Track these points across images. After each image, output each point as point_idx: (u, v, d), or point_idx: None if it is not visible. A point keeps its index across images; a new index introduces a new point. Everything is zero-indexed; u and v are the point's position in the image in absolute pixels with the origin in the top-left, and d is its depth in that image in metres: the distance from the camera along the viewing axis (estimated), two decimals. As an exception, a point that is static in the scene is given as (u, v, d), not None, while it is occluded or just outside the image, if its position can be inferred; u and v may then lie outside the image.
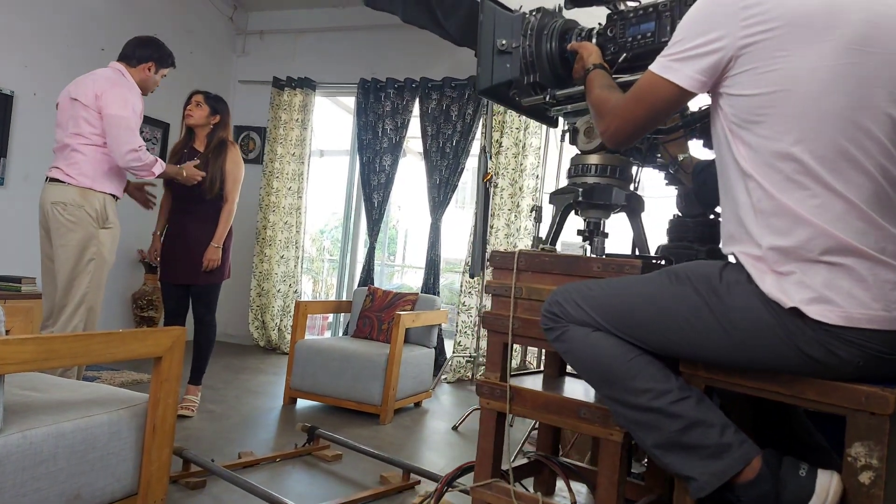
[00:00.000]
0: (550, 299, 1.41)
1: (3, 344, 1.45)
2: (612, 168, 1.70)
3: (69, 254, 2.63)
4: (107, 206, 2.70)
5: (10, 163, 3.98)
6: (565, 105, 1.73)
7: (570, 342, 1.36)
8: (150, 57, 2.84)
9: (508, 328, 1.59)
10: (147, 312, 4.90)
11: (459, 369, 4.86)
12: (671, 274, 1.29)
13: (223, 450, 2.66)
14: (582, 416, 1.47)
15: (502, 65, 1.69)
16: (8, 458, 1.49)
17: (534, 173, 4.77)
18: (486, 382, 1.63)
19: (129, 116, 2.65)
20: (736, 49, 1.16)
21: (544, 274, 1.57)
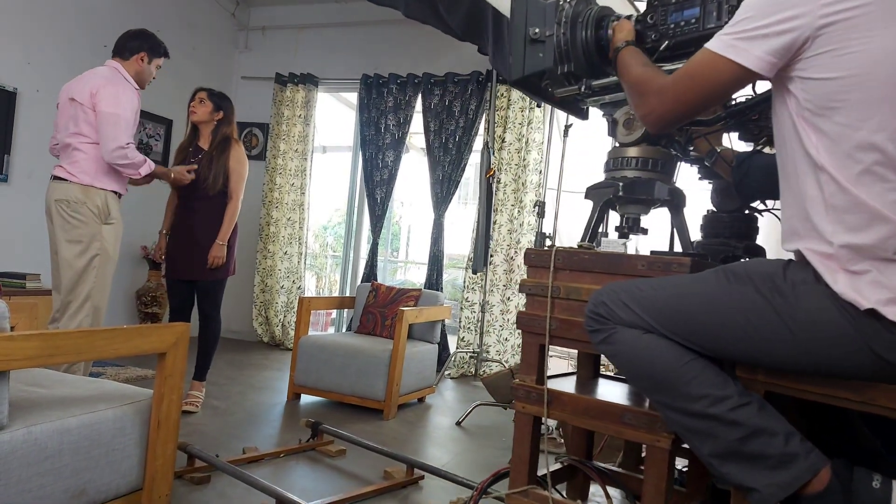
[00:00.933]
0: (595, 299, 1.34)
1: (8, 340, 1.46)
2: (653, 161, 1.62)
3: (73, 250, 2.65)
4: (108, 203, 2.72)
5: (13, 160, 3.99)
6: (601, 96, 1.66)
7: (619, 345, 1.29)
8: (140, 47, 2.84)
9: (545, 329, 1.52)
10: (151, 309, 4.91)
11: (462, 365, 4.86)
12: (728, 273, 1.22)
13: (227, 445, 2.67)
14: (626, 422, 1.41)
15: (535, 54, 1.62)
16: (13, 454, 1.49)
17: (537, 168, 4.76)
18: (522, 386, 1.56)
19: (118, 114, 2.66)
20: (814, 29, 1.07)
21: (584, 272, 1.50)
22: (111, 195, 2.74)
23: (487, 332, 4.77)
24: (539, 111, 4.76)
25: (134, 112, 2.75)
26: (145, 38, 2.87)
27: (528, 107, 4.76)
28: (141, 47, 2.84)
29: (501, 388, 3.40)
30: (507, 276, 4.79)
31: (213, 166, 3.11)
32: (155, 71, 2.94)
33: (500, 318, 4.77)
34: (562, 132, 3.72)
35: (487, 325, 4.77)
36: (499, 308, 4.78)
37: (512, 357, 4.72)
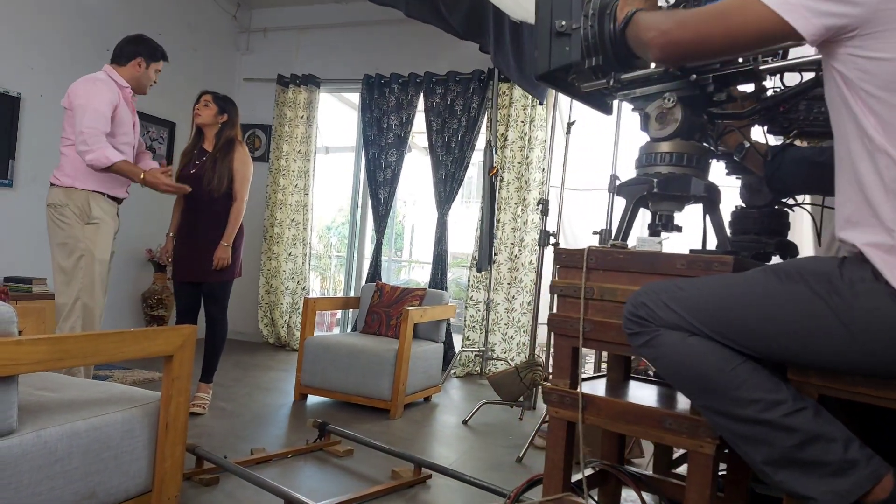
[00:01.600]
0: (634, 301, 1.28)
1: (17, 345, 1.47)
2: (688, 156, 1.57)
3: (60, 252, 2.68)
4: (90, 203, 2.70)
5: (18, 164, 4.01)
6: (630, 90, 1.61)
7: (661, 348, 1.24)
8: (136, 52, 2.85)
9: (579, 332, 1.47)
10: (157, 311, 4.93)
11: (468, 363, 4.86)
12: (779, 272, 1.16)
13: (235, 446, 2.68)
14: (667, 427, 1.35)
15: (561, 48, 1.58)
16: (23, 458, 1.50)
17: (540, 166, 4.75)
18: (556, 390, 1.52)
19: (85, 104, 2.62)
20: (874, 11, 1.02)
21: (619, 272, 1.46)
22: (94, 195, 2.71)
23: (492, 330, 4.77)
24: (541, 109, 4.76)
25: (108, 104, 2.68)
26: (141, 42, 2.88)
27: (531, 104, 4.76)
28: (137, 52, 2.85)
29: (507, 387, 3.40)
30: (511, 274, 4.79)
31: (218, 168, 3.12)
32: (155, 75, 2.94)
33: (505, 316, 4.77)
34: (564, 130, 3.71)
35: (492, 324, 4.77)
36: (503, 306, 4.78)
37: (517, 355, 4.72)
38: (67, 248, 2.66)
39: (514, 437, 3.19)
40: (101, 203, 2.75)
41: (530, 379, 3.36)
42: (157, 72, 2.94)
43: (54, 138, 4.17)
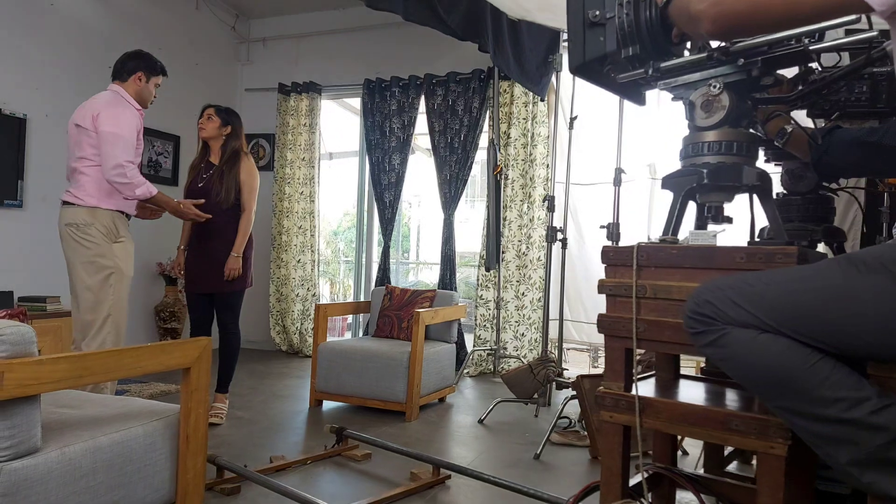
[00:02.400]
0: (697, 298, 1.23)
1: (38, 364, 1.49)
2: (737, 144, 1.49)
3: (88, 271, 2.70)
4: (116, 222, 2.76)
5: (27, 185, 4.05)
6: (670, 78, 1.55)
7: (732, 347, 1.17)
8: (136, 67, 2.88)
9: (631, 332, 1.43)
10: (170, 324, 4.97)
11: (481, 363, 4.87)
12: (856, 262, 1.11)
13: (254, 455, 2.70)
14: (734, 428, 1.30)
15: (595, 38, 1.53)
16: (49, 475, 1.53)
17: (544, 163, 4.76)
18: (609, 393, 1.47)
19: (118, 133, 2.69)
20: None
21: (672, 269, 1.40)
22: (117, 214, 2.78)
23: (504, 328, 4.77)
24: (543, 105, 4.76)
25: (135, 131, 2.77)
26: (140, 57, 2.91)
27: (532, 101, 4.76)
28: (137, 67, 2.88)
29: (521, 384, 3.41)
30: (519, 271, 4.80)
31: (225, 181, 3.15)
32: (154, 89, 2.97)
33: (516, 313, 4.78)
34: (568, 125, 3.72)
35: (503, 322, 4.77)
36: (513, 304, 4.79)
37: (529, 352, 4.72)
38: (95, 266, 2.69)
39: (530, 433, 3.20)
40: (124, 221, 2.81)
41: (544, 375, 3.37)
42: (156, 86, 2.97)
43: (61, 158, 4.21)
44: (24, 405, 1.48)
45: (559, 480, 2.55)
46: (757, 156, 1.57)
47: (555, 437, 3.06)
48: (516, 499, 2.27)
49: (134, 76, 2.87)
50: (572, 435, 3.11)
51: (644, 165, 4.41)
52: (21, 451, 1.48)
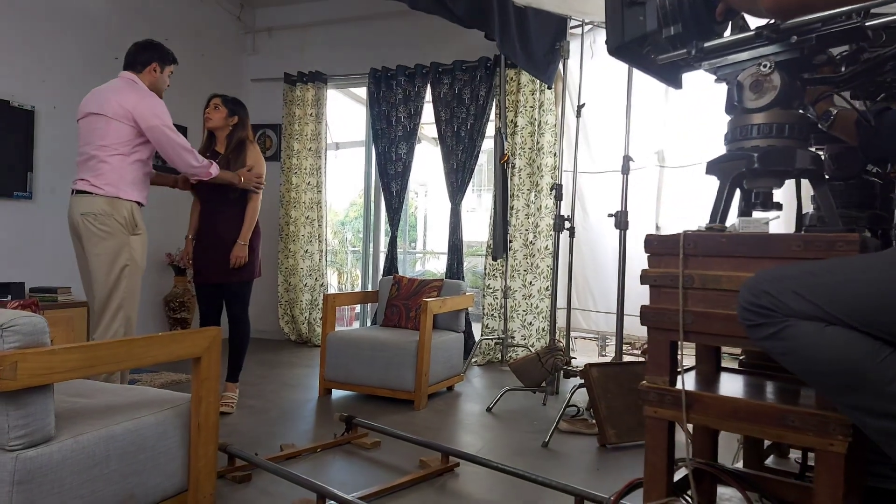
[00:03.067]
0: (754, 289, 1.17)
1: (50, 354, 1.50)
2: (790, 126, 1.41)
3: (103, 262, 2.69)
4: (134, 213, 2.77)
5: (36, 176, 4.07)
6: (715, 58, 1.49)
7: (795, 340, 1.12)
8: (151, 58, 2.89)
9: (677, 324, 1.37)
10: (179, 314, 5.00)
11: (489, 352, 4.88)
12: None
13: (265, 443, 2.72)
14: (790, 425, 1.25)
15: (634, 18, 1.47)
16: (63, 463, 1.55)
17: (551, 151, 4.74)
18: (654, 388, 1.43)
19: (167, 124, 2.77)
20: None
21: (721, 258, 1.35)
22: (135, 206, 2.78)
23: (511, 317, 4.78)
24: (550, 93, 4.73)
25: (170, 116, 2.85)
26: (154, 48, 2.92)
27: (539, 89, 4.74)
28: (152, 58, 2.89)
29: (529, 373, 3.42)
30: (527, 260, 4.79)
31: (232, 169, 3.15)
32: (168, 79, 2.98)
33: (523, 302, 4.78)
34: (575, 113, 3.70)
35: (511, 311, 4.78)
36: (521, 293, 4.79)
37: (537, 341, 4.73)
38: (111, 257, 2.69)
39: (538, 422, 3.21)
40: (140, 213, 2.83)
41: (552, 364, 3.37)
42: (170, 74, 2.98)
43: (69, 149, 4.23)
44: (38, 394, 1.50)
45: (567, 468, 2.56)
46: (809, 139, 1.49)
47: (563, 425, 3.07)
48: (525, 486, 2.29)
49: (149, 67, 2.88)
50: (580, 423, 3.12)
51: (652, 153, 4.39)
52: (36, 439, 1.50)
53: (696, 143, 4.24)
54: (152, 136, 2.73)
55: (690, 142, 4.27)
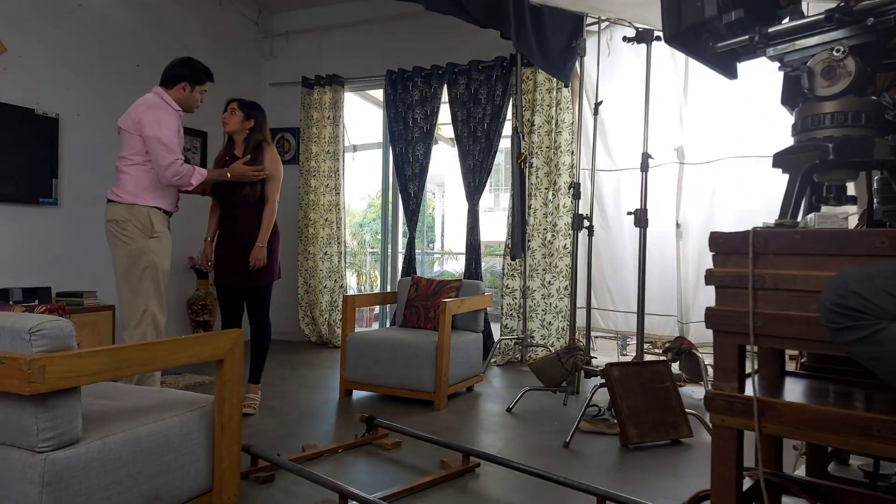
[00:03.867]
0: (841, 289, 1.11)
1: (77, 357, 1.53)
2: (866, 115, 1.33)
3: (125, 265, 2.79)
4: (152, 218, 2.85)
5: (61, 183, 4.15)
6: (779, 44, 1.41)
7: (889, 345, 1.06)
8: (182, 76, 2.96)
9: (747, 328, 1.31)
10: (202, 317, 5.06)
11: (508, 352, 4.87)
12: None
13: (287, 444, 2.75)
14: (876, 434, 1.18)
15: (692, 4, 1.41)
16: (90, 465, 1.58)
17: (568, 149, 4.71)
18: (721, 395, 1.36)
19: (160, 136, 2.80)
20: None
21: (795, 256, 1.27)
22: (154, 211, 2.86)
23: (530, 317, 4.76)
24: (567, 91, 4.71)
25: (175, 131, 2.88)
26: (187, 66, 2.99)
27: (556, 87, 4.71)
28: (182, 76, 2.96)
29: (549, 373, 3.40)
30: (545, 260, 4.77)
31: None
32: (201, 96, 3.06)
33: (542, 302, 4.76)
34: (592, 110, 3.67)
35: (530, 311, 4.76)
36: (540, 293, 4.77)
37: (556, 341, 4.71)
38: (132, 260, 2.79)
39: (559, 422, 3.20)
40: (160, 217, 2.90)
41: (572, 364, 3.35)
42: (202, 92, 3.05)
43: (93, 156, 4.32)
44: (65, 397, 1.53)
45: (589, 468, 2.55)
46: (886, 127, 1.41)
47: (584, 425, 3.05)
48: (546, 486, 2.28)
49: (179, 85, 2.95)
50: (602, 423, 3.10)
51: (671, 150, 4.34)
52: (64, 441, 1.53)
53: (716, 139, 4.19)
54: (147, 145, 2.80)
55: (711, 138, 4.22)
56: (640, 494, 2.21)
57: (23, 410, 1.48)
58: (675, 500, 2.21)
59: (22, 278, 3.92)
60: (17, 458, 1.49)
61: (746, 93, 4.08)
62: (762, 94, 4.04)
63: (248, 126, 3.27)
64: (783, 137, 1.53)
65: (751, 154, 4.06)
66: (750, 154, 4.06)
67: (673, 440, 2.90)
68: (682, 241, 4.33)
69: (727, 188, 4.15)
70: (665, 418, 2.91)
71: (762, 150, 4.04)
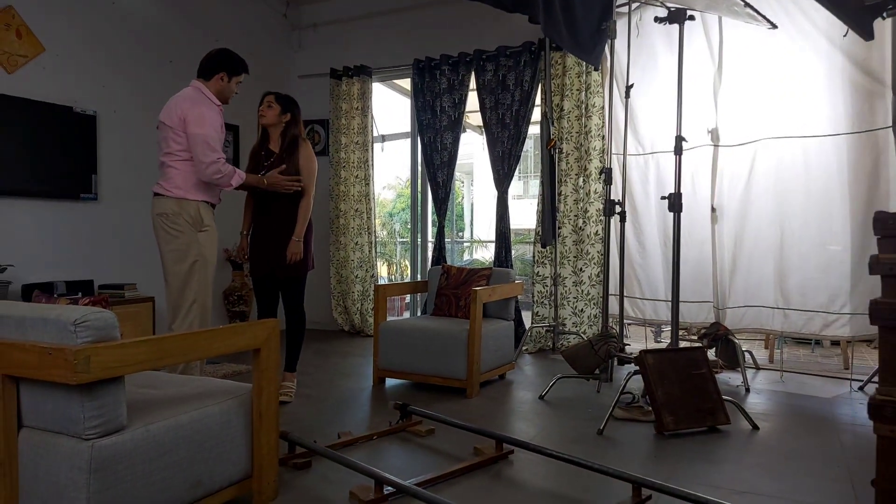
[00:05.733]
0: None
1: (121, 347, 1.58)
2: None
3: (175, 258, 2.87)
4: (201, 212, 2.92)
5: (100, 178, 4.26)
6: None
7: None
8: (220, 67, 3.01)
9: None
10: (238, 307, 5.17)
11: (539, 339, 4.85)
12: None
13: (323, 431, 2.79)
14: None
15: None
16: (136, 451, 1.63)
17: (599, 134, 4.64)
18: (891, 401, 1.18)
19: (205, 133, 2.84)
20: None
21: None
22: (203, 205, 2.94)
23: (562, 305, 4.73)
24: (597, 75, 4.63)
25: (218, 128, 2.93)
26: (224, 58, 3.04)
27: (585, 71, 4.64)
28: (221, 67, 3.01)
29: (582, 360, 3.38)
30: (576, 247, 4.73)
31: (287, 167, 3.22)
32: (236, 87, 3.10)
33: (574, 290, 4.73)
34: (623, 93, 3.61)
35: (561, 298, 4.73)
36: (571, 280, 4.73)
37: (589, 328, 4.67)
38: (181, 253, 2.86)
39: (592, 409, 3.18)
40: (209, 211, 2.97)
41: (605, 351, 3.33)
42: (238, 84, 3.10)
43: (130, 152, 4.42)
44: (110, 386, 1.58)
45: (624, 455, 2.53)
46: None
47: (618, 412, 3.03)
48: (580, 473, 2.27)
49: (216, 76, 3.00)
50: (636, 410, 3.07)
51: (705, 132, 4.24)
52: (109, 428, 1.58)
53: (753, 120, 4.08)
54: (190, 142, 2.84)
55: (747, 119, 4.10)
56: (676, 482, 2.19)
57: (70, 399, 1.54)
58: (712, 487, 2.19)
59: (65, 272, 4.05)
60: (66, 445, 1.55)
61: (785, 71, 3.96)
62: (801, 73, 3.91)
63: (285, 120, 3.30)
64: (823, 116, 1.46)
65: (790, 134, 3.95)
66: (789, 134, 3.95)
67: (710, 427, 2.86)
68: (717, 225, 4.24)
69: (765, 170, 4.04)
70: (702, 405, 2.88)
71: (802, 130, 3.93)
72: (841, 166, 3.80)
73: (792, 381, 3.90)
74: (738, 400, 3.07)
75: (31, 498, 1.60)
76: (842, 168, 3.80)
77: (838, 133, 3.80)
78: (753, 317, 4.13)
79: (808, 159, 3.91)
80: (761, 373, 4.15)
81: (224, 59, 3.02)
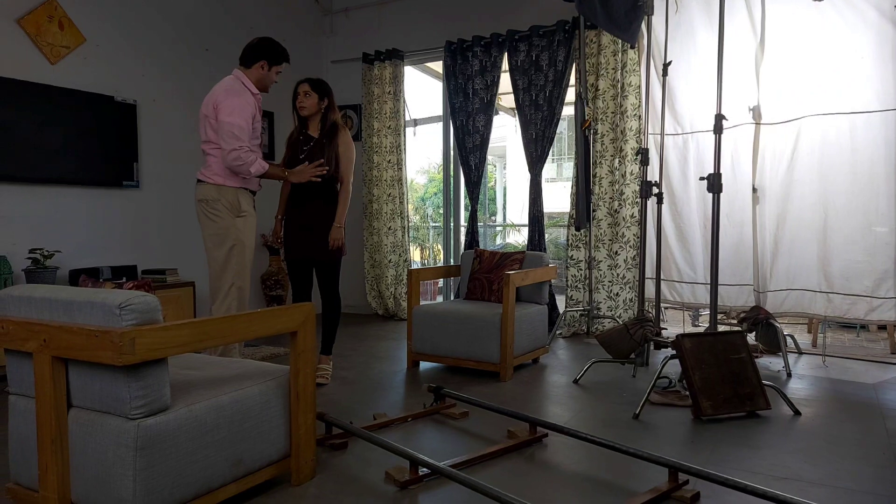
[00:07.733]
0: None
1: (164, 330, 1.63)
2: None
3: (214, 243, 2.95)
4: (239, 198, 2.99)
5: (142, 166, 4.37)
6: None
7: None
8: (261, 56, 3.05)
9: None
10: (275, 291, 5.27)
11: (573, 323, 4.82)
12: None
13: (359, 412, 2.84)
14: None
15: None
16: (180, 430, 1.68)
17: (635, 114, 4.55)
18: None
19: (232, 122, 2.89)
20: None
21: None
22: (241, 191, 3.01)
23: (596, 288, 4.69)
24: (633, 53, 4.53)
25: (249, 118, 2.97)
26: (265, 46, 3.08)
27: (621, 49, 4.54)
28: (261, 55, 3.06)
29: (617, 344, 3.35)
30: (612, 230, 4.66)
31: (326, 153, 3.25)
32: (276, 76, 3.15)
33: (609, 273, 4.67)
34: (661, 72, 3.52)
35: (596, 282, 4.68)
36: (606, 263, 4.68)
37: (624, 312, 4.62)
38: (220, 238, 2.95)
39: (628, 394, 3.15)
40: (247, 197, 3.04)
41: (641, 335, 3.29)
42: (278, 73, 3.14)
43: (170, 140, 4.52)
44: (154, 367, 1.63)
45: (660, 440, 2.51)
46: None
47: (654, 396, 3.00)
48: (615, 457, 2.26)
49: (257, 64, 3.05)
50: (673, 395, 3.04)
51: (746, 110, 4.11)
52: (154, 408, 1.63)
53: (797, 97, 3.94)
54: (217, 127, 2.89)
55: (791, 96, 3.96)
56: (714, 466, 2.16)
57: (116, 380, 1.59)
58: (751, 473, 2.15)
59: (110, 257, 4.18)
60: (113, 424, 1.61)
61: (830, 44, 3.80)
62: (848, 45, 3.75)
63: (323, 106, 3.32)
64: (871, 91, 1.41)
65: (836, 111, 3.80)
66: (835, 111, 3.80)
67: (749, 412, 2.81)
68: (758, 206, 4.12)
69: (809, 149, 3.90)
70: (741, 390, 2.82)
71: (849, 105, 3.77)
72: (889, 144, 3.65)
73: (835, 366, 3.79)
74: (778, 385, 3.00)
75: (81, 473, 1.67)
76: (890, 146, 3.65)
77: (887, 109, 3.65)
78: (795, 300, 4.02)
79: (854, 137, 3.76)
80: (804, 357, 4.05)
81: (266, 47, 3.06)
